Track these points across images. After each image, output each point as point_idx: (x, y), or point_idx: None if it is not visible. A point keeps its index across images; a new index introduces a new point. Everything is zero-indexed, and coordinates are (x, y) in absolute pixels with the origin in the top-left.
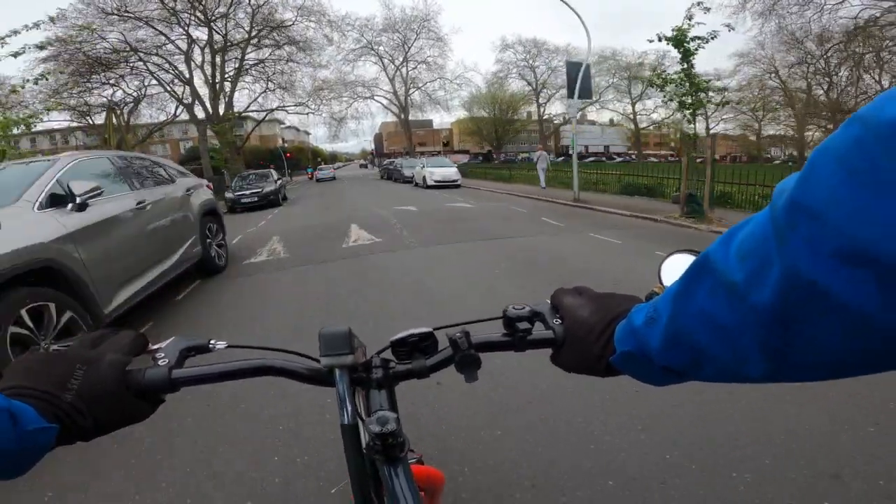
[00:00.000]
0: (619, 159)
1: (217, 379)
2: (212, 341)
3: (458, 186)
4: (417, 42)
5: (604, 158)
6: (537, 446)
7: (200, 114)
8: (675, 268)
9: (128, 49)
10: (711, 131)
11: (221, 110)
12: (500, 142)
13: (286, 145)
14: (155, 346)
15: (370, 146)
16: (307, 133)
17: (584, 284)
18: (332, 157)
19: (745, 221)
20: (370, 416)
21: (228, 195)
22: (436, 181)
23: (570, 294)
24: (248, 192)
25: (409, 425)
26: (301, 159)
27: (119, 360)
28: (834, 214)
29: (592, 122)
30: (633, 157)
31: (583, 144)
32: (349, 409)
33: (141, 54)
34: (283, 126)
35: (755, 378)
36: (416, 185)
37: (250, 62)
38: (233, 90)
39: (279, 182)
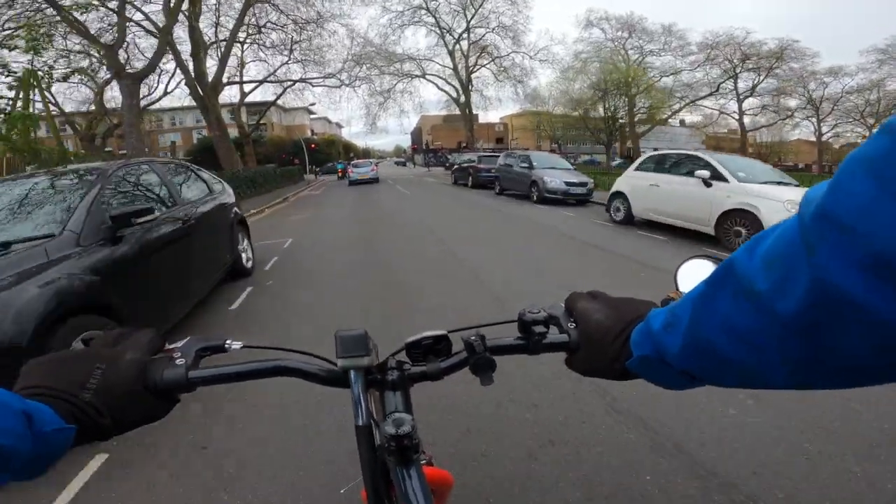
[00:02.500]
0: None
1: (233, 379)
2: (227, 341)
3: None
4: (487, 4)
5: None
6: None
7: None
8: (692, 273)
9: None
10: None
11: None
12: (609, 139)
13: (315, 136)
14: (171, 346)
15: (406, 143)
16: (339, 126)
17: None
18: (366, 154)
19: (770, 229)
20: (385, 418)
21: None
22: None
23: (585, 298)
24: None
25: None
26: (331, 153)
27: (138, 359)
28: (863, 225)
29: (663, 122)
30: None
31: (652, 148)
32: (364, 410)
33: None
34: (312, 116)
35: (779, 385)
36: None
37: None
38: (229, 48)
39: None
